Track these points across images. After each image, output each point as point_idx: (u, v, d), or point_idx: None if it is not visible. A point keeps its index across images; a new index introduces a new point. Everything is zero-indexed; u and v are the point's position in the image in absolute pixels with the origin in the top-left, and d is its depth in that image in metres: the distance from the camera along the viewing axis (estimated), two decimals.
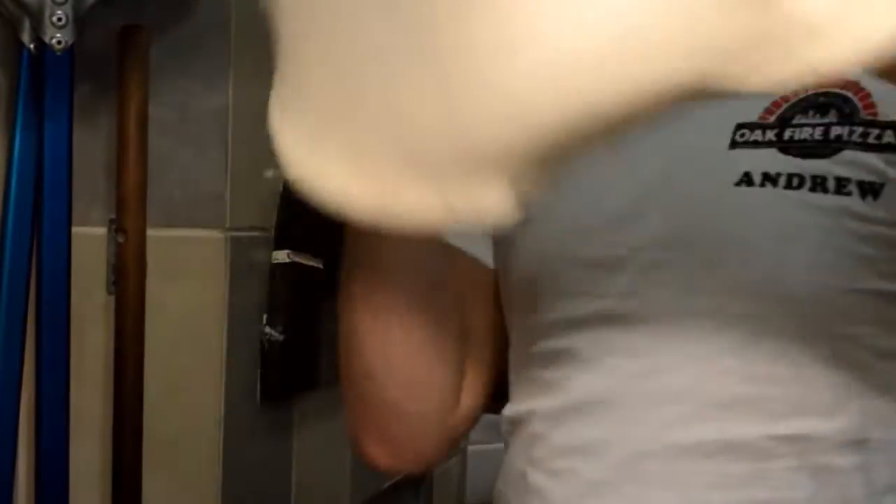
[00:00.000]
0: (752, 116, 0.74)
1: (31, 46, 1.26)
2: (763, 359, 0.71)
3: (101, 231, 1.35)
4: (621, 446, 0.74)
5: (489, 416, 0.86)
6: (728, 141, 0.73)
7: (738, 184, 0.72)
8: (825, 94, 0.72)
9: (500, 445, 0.85)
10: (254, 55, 1.45)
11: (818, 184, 0.71)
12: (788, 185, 0.71)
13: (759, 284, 0.72)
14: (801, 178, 0.71)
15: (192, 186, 1.38)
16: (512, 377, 0.83)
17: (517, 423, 0.81)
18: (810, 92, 0.73)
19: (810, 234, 0.71)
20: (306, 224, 1.55)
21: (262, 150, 1.70)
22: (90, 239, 1.34)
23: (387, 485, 1.98)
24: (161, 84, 1.35)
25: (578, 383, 0.76)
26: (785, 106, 0.73)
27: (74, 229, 1.30)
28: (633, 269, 0.74)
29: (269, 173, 1.52)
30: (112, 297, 1.33)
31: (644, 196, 0.74)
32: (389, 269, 0.76)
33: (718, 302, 0.72)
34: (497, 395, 0.83)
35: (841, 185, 0.71)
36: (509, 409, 0.82)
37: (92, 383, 1.34)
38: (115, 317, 1.32)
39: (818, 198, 0.71)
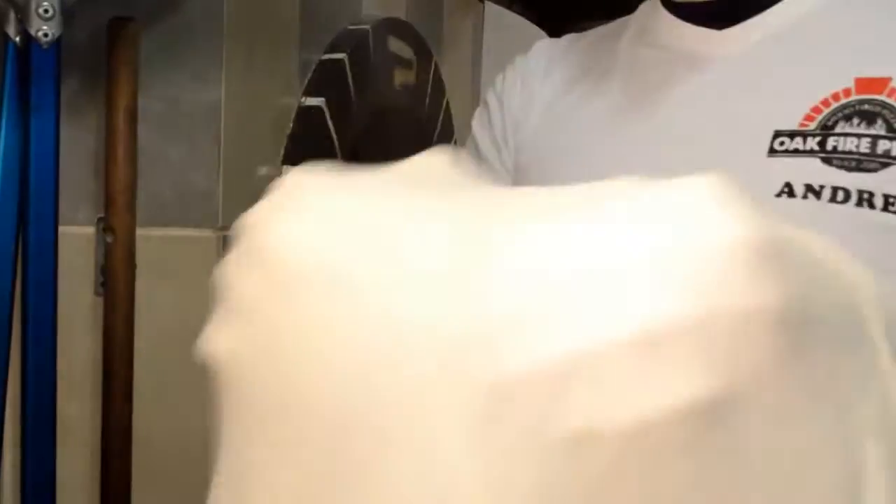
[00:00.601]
0: (791, 123, 0.73)
1: (17, 39, 1.26)
2: None
3: (89, 230, 1.35)
4: None
5: None
6: (766, 149, 0.72)
7: (779, 195, 0.71)
8: (870, 101, 0.71)
9: None
10: (247, 48, 1.45)
11: (864, 199, 0.69)
12: (833, 199, 0.70)
13: None
14: (847, 192, 0.69)
15: (183, 184, 1.38)
16: None
17: None
18: (853, 98, 0.72)
19: (856, 251, 0.69)
20: None
21: (256, 146, 1.71)
22: (77, 238, 1.34)
23: None
24: (151, 78, 1.35)
25: None
26: (826, 111, 0.72)
27: (61, 228, 1.30)
28: None
29: (263, 170, 1.51)
30: (100, 299, 1.33)
31: None
32: None
33: None
34: None
35: (889, 203, 0.69)
36: None
37: (79, 388, 1.34)
38: (104, 319, 1.32)
39: (865, 213, 0.69)
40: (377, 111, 1.81)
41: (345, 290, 0.52)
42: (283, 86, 1.58)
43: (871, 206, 0.69)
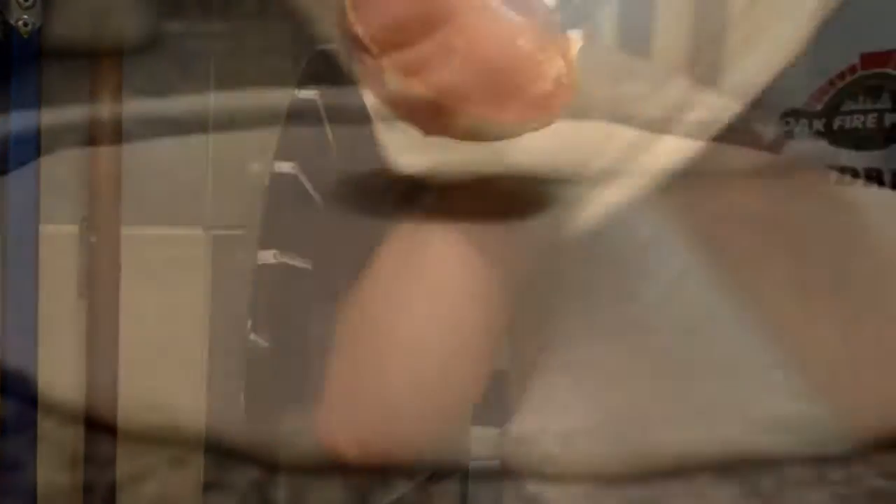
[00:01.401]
0: (797, 102, 0.73)
1: None
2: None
3: (72, 229, 1.34)
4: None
5: (491, 431, 0.85)
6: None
7: None
8: (875, 75, 0.72)
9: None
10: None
11: (872, 178, 0.70)
12: (840, 181, 0.71)
13: None
14: (854, 172, 0.70)
15: (170, 181, 1.38)
16: (515, 389, 0.82)
17: (525, 440, 0.80)
18: (858, 74, 0.72)
19: None
20: (294, 222, 1.54)
21: (247, 141, 1.70)
22: (60, 238, 1.33)
23: None
24: (136, 70, 1.34)
25: (599, 400, 0.75)
26: (832, 92, 0.73)
27: (42, 227, 1.30)
28: (669, 272, 0.73)
29: (254, 166, 1.51)
30: (84, 301, 1.33)
31: None
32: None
33: None
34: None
35: None
36: (517, 425, 0.81)
37: (62, 394, 1.34)
38: (87, 322, 1.32)
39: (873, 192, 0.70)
40: None
41: None
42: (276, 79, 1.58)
43: (881, 183, 0.71)
